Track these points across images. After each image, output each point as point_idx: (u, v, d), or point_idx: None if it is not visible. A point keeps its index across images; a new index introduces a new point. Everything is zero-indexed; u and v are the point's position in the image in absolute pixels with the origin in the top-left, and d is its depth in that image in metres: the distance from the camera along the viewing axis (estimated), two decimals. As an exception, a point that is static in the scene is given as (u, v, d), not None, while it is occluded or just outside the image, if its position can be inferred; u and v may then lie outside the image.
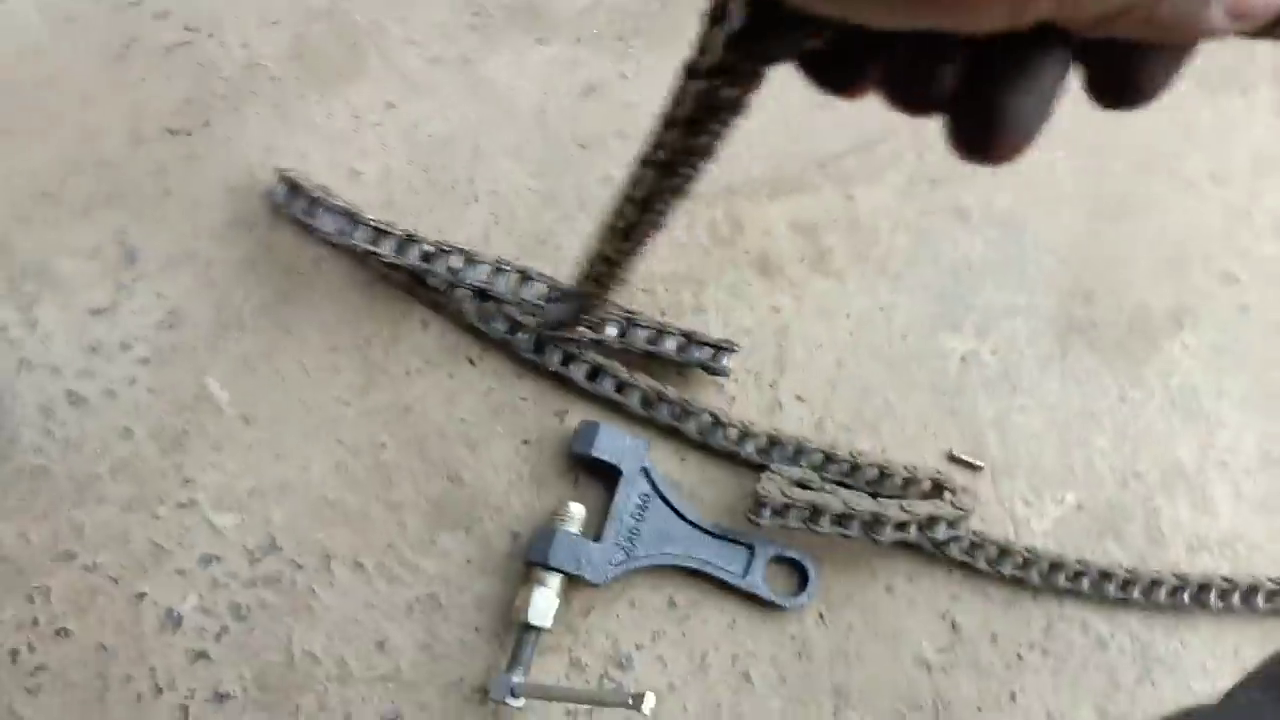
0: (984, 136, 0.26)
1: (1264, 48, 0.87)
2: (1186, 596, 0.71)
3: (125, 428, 0.59)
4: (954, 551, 0.67)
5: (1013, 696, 0.67)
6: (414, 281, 0.64)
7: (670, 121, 0.32)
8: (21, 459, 0.57)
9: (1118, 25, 0.22)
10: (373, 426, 0.62)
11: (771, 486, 0.62)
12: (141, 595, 0.57)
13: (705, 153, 0.33)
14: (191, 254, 0.62)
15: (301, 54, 0.67)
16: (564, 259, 0.67)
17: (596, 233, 0.44)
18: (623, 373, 0.65)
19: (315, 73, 0.67)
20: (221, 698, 0.57)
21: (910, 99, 0.26)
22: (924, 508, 0.64)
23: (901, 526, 0.63)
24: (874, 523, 0.63)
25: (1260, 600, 0.72)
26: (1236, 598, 0.71)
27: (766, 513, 0.62)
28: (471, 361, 0.65)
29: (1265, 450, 0.76)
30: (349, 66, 0.68)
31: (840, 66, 0.27)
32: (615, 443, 0.62)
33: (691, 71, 0.28)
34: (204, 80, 0.65)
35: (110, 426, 0.59)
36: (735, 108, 0.30)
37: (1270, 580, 0.72)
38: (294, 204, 0.60)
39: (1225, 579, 0.71)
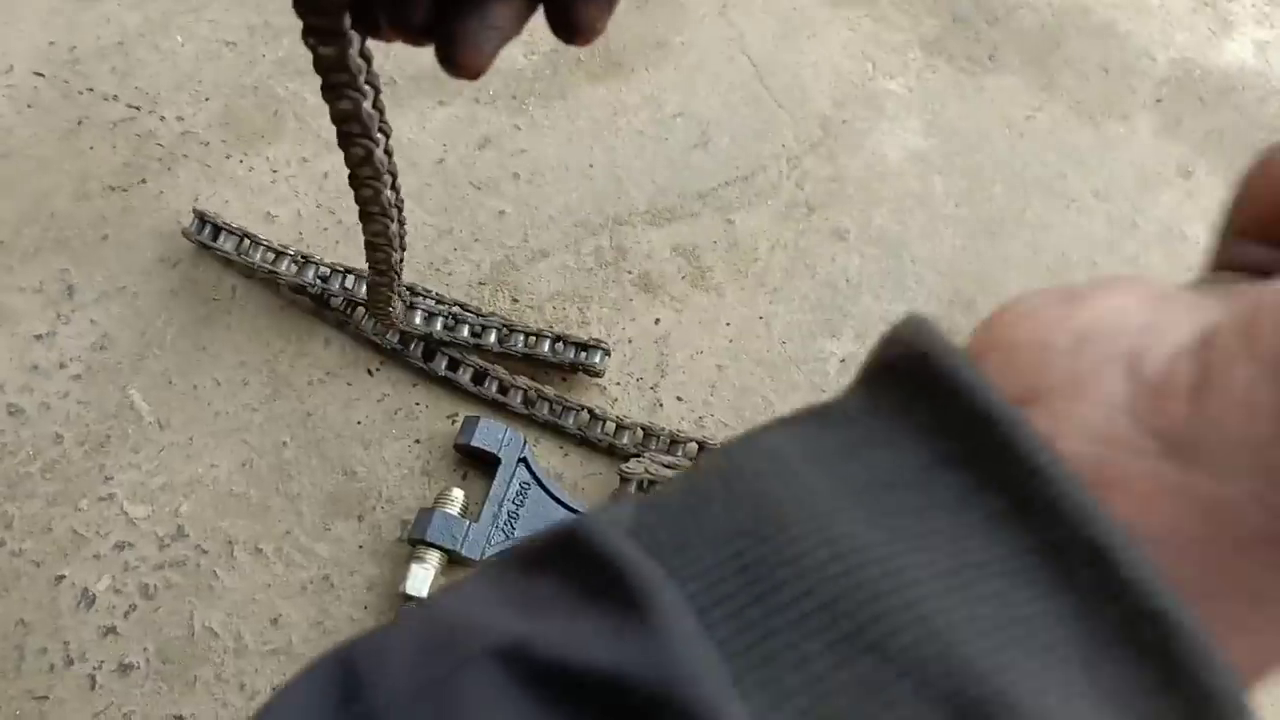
0: (447, 54, 0.38)
1: (1143, 82, 0.98)
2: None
3: (56, 434, 0.71)
4: (831, 533, 0.74)
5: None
6: (319, 304, 0.76)
7: (322, 94, 0.44)
8: (-36, 461, 0.69)
9: None
10: (276, 430, 0.73)
11: (637, 466, 0.71)
12: (60, 577, 0.68)
13: (354, 119, 0.45)
14: (123, 288, 0.75)
15: (228, 122, 0.82)
16: (456, 282, 0.79)
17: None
18: (505, 375, 0.75)
19: (240, 136, 0.82)
20: (126, 668, 0.66)
21: (404, 32, 0.39)
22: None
23: (765, 501, 0.71)
24: (737, 497, 0.70)
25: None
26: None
27: (631, 488, 0.70)
28: (370, 372, 0.76)
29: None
30: (270, 130, 0.82)
31: (365, 17, 0.39)
32: (493, 434, 0.72)
33: (303, 39, 0.41)
34: (143, 147, 0.80)
35: (43, 433, 0.71)
36: (340, 66, 0.42)
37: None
38: (202, 232, 0.73)
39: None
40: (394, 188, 0.51)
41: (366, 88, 0.43)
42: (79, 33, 0.84)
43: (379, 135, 0.46)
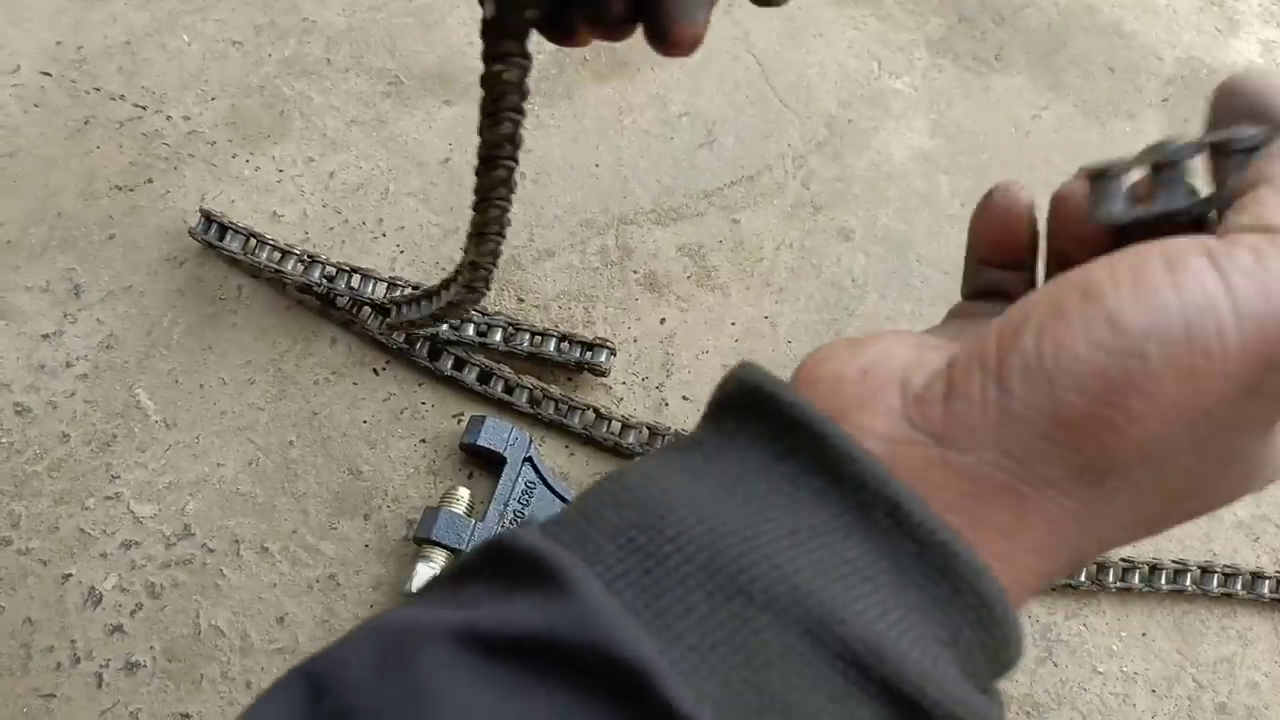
0: (659, 31, 0.37)
1: (1151, 81, 0.97)
2: (1083, 576, 0.75)
3: (63, 433, 0.71)
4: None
5: (906, 675, 0.72)
6: (325, 303, 0.75)
7: (481, 116, 0.44)
8: (-29, 460, 0.69)
9: None
10: (282, 429, 0.73)
11: (643, 465, 0.70)
12: (67, 576, 0.67)
13: (510, 141, 0.46)
14: (129, 287, 0.75)
15: (234, 121, 0.82)
16: (462, 281, 0.79)
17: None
18: (511, 375, 0.75)
19: (246, 136, 0.81)
20: (133, 667, 0.66)
21: (606, 31, 0.38)
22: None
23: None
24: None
25: (1163, 580, 0.76)
26: (1137, 578, 0.76)
27: (638, 488, 0.70)
28: (375, 371, 0.75)
29: (1167, 442, 0.82)
30: (276, 129, 0.82)
31: (559, 26, 0.38)
32: (499, 433, 0.72)
33: (484, 62, 0.41)
34: (149, 147, 0.80)
35: (50, 432, 0.71)
36: (516, 90, 0.42)
37: (1172, 561, 0.77)
38: (209, 231, 0.73)
39: (1124, 559, 0.76)
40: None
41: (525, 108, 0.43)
42: (86, 32, 0.83)
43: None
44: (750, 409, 0.29)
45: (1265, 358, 0.26)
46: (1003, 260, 0.40)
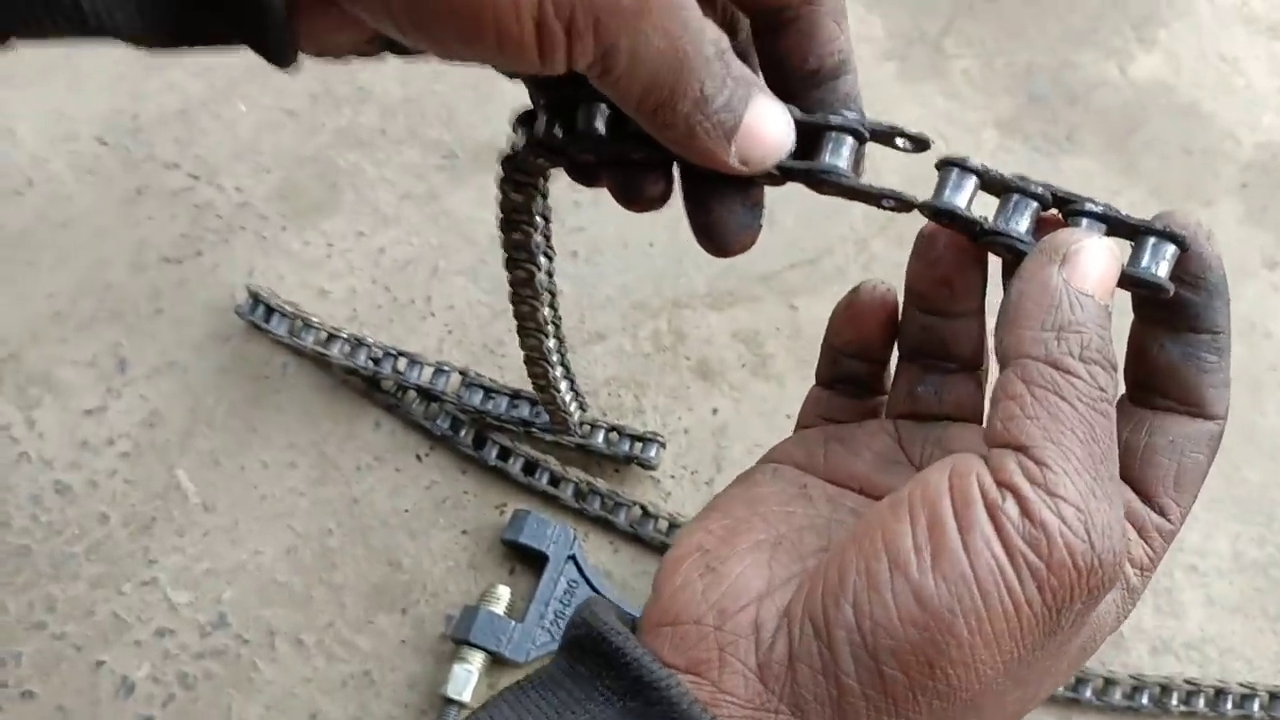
0: (719, 243, 0.39)
1: (1228, 165, 0.94)
2: (1146, 698, 0.72)
3: (102, 514, 0.70)
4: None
5: (958, 798, 0.69)
6: (369, 386, 0.75)
7: (498, 224, 0.47)
8: (9, 540, 0.69)
9: (659, 117, 0.32)
10: (322, 516, 0.72)
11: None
12: (101, 663, 0.67)
13: (524, 248, 0.48)
14: (174, 363, 0.75)
15: (286, 194, 0.81)
16: (510, 365, 0.78)
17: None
18: (557, 467, 0.73)
19: (297, 209, 0.81)
20: (163, 761, 0.65)
21: (638, 206, 0.39)
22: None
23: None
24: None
25: (1229, 705, 0.73)
26: (1202, 701, 0.73)
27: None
28: (418, 458, 0.74)
29: (1239, 552, 0.79)
30: (327, 203, 0.82)
31: (582, 174, 0.40)
32: (541, 531, 0.70)
33: (497, 184, 0.43)
34: (200, 218, 0.80)
35: (90, 513, 0.70)
36: (526, 210, 0.45)
37: (1240, 685, 0.73)
38: (255, 311, 0.73)
39: (1189, 681, 0.73)
40: (553, 305, 0.56)
41: (539, 220, 0.46)
42: (143, 100, 0.84)
43: (542, 260, 0.50)
44: (601, 658, 0.32)
45: (1053, 605, 0.29)
46: (859, 353, 0.45)
